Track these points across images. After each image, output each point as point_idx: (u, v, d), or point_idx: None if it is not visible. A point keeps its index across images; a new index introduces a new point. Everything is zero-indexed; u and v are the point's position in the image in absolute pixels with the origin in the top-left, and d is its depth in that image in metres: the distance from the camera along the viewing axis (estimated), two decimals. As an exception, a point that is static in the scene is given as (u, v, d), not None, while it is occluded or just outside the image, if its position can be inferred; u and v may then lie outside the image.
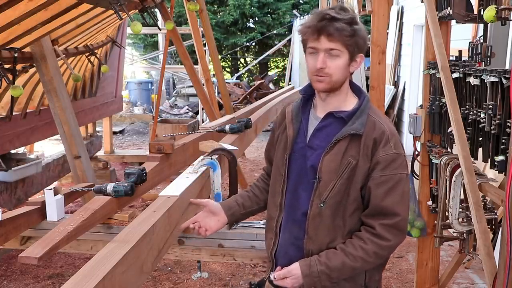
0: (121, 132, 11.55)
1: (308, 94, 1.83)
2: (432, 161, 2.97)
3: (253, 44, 17.89)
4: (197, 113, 12.28)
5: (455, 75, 2.73)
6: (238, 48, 17.42)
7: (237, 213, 1.96)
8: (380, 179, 1.66)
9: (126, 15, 3.25)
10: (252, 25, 17.63)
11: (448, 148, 2.94)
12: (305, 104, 1.84)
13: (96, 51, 5.41)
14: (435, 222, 2.98)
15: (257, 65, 17.93)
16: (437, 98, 2.94)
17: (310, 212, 1.73)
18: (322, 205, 1.70)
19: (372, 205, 1.68)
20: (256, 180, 2.09)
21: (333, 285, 1.72)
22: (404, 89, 8.97)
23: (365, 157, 1.66)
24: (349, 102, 1.76)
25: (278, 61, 19.36)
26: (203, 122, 9.89)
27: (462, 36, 4.60)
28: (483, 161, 2.54)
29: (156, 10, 5.60)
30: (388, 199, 1.66)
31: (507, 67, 3.71)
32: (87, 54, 5.19)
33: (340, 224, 1.71)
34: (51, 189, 2.50)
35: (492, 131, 2.35)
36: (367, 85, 4.22)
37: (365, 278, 1.75)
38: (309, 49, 1.68)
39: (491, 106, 2.35)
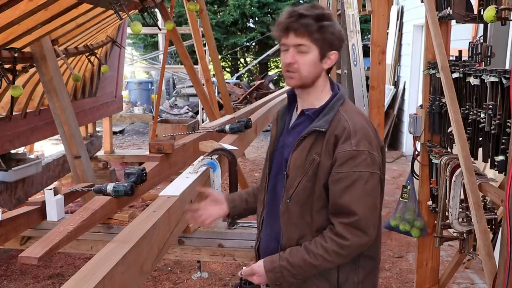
0: (121, 132, 11.55)
1: (294, 95, 1.85)
2: (432, 161, 2.97)
3: (253, 44, 17.90)
4: (197, 113, 12.28)
5: (455, 75, 2.73)
6: (238, 48, 17.41)
7: (239, 207, 2.00)
8: (337, 176, 1.64)
9: (126, 15, 3.25)
10: (252, 25, 17.64)
11: (448, 148, 2.94)
12: (291, 104, 1.87)
13: (96, 51, 5.41)
14: (435, 222, 2.98)
15: (257, 65, 17.93)
16: (437, 98, 2.94)
17: (280, 208, 1.76)
18: (288, 200, 1.72)
19: (331, 202, 1.66)
20: None
21: (300, 282, 1.72)
22: (404, 89, 8.97)
23: (327, 154, 1.66)
24: (323, 99, 1.75)
25: (278, 61, 19.35)
26: (203, 122, 9.89)
27: (462, 36, 4.60)
28: (483, 161, 2.54)
29: (156, 10, 5.60)
30: (345, 197, 1.62)
31: (507, 67, 3.71)
32: (87, 54, 5.19)
33: (309, 221, 1.71)
34: (51, 189, 2.50)
35: (492, 131, 2.35)
36: (367, 85, 4.22)
37: (338, 278, 1.72)
38: (281, 46, 1.72)
39: (491, 106, 2.35)
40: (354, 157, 1.62)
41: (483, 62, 2.61)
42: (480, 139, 2.54)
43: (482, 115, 2.44)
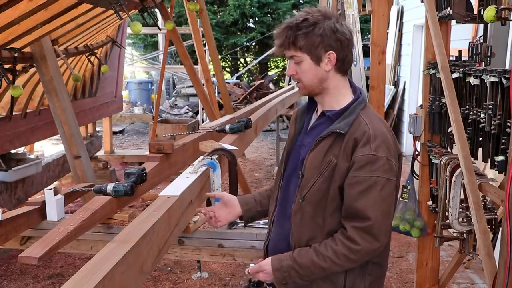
0: (121, 132, 11.55)
1: None
2: (432, 161, 2.98)
3: (253, 44, 17.89)
4: (197, 113, 12.27)
5: (455, 75, 2.73)
6: (238, 48, 17.41)
7: (253, 209, 2.00)
8: (353, 179, 1.62)
9: (126, 15, 3.25)
10: (252, 25, 17.64)
11: (448, 148, 2.94)
12: (311, 104, 1.87)
13: (96, 51, 5.41)
14: (435, 222, 2.98)
15: (257, 65, 17.92)
16: (437, 98, 2.94)
17: (293, 207, 1.75)
18: (301, 200, 1.71)
19: (345, 205, 1.65)
20: None
21: (306, 283, 1.71)
22: (404, 89, 8.97)
23: (345, 157, 1.65)
24: (343, 102, 1.75)
25: (278, 61, 19.33)
26: (203, 122, 9.89)
27: (462, 36, 4.60)
28: (483, 161, 2.54)
29: (156, 10, 5.60)
30: (360, 201, 1.61)
31: (507, 67, 3.71)
32: (87, 54, 5.19)
33: (320, 223, 1.71)
34: (51, 189, 2.49)
35: (492, 131, 2.35)
36: (367, 85, 4.22)
37: (345, 283, 1.71)
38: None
39: (491, 106, 2.35)
40: (372, 162, 1.61)
41: (483, 62, 2.61)
42: (480, 139, 2.54)
43: (482, 115, 2.44)
